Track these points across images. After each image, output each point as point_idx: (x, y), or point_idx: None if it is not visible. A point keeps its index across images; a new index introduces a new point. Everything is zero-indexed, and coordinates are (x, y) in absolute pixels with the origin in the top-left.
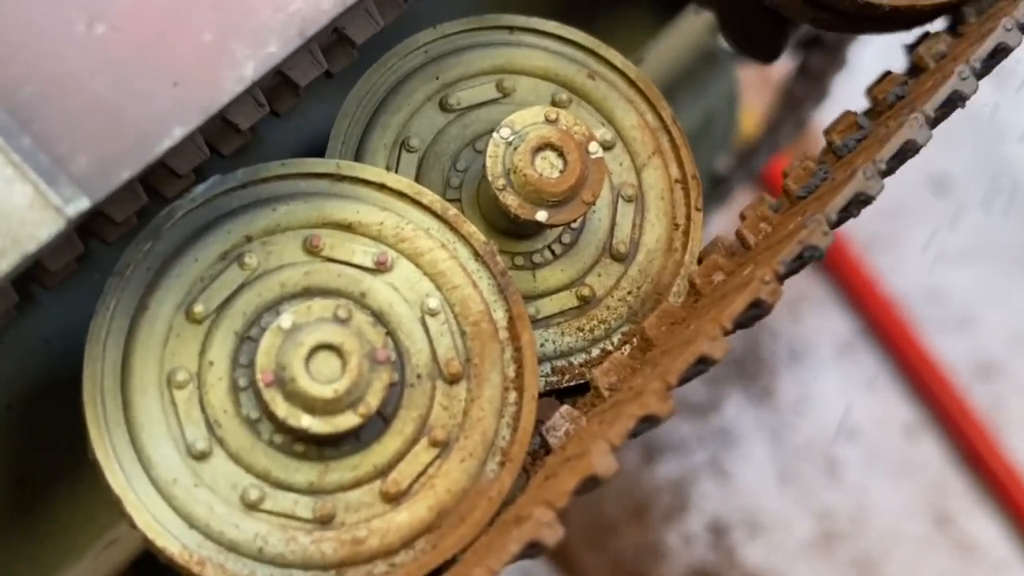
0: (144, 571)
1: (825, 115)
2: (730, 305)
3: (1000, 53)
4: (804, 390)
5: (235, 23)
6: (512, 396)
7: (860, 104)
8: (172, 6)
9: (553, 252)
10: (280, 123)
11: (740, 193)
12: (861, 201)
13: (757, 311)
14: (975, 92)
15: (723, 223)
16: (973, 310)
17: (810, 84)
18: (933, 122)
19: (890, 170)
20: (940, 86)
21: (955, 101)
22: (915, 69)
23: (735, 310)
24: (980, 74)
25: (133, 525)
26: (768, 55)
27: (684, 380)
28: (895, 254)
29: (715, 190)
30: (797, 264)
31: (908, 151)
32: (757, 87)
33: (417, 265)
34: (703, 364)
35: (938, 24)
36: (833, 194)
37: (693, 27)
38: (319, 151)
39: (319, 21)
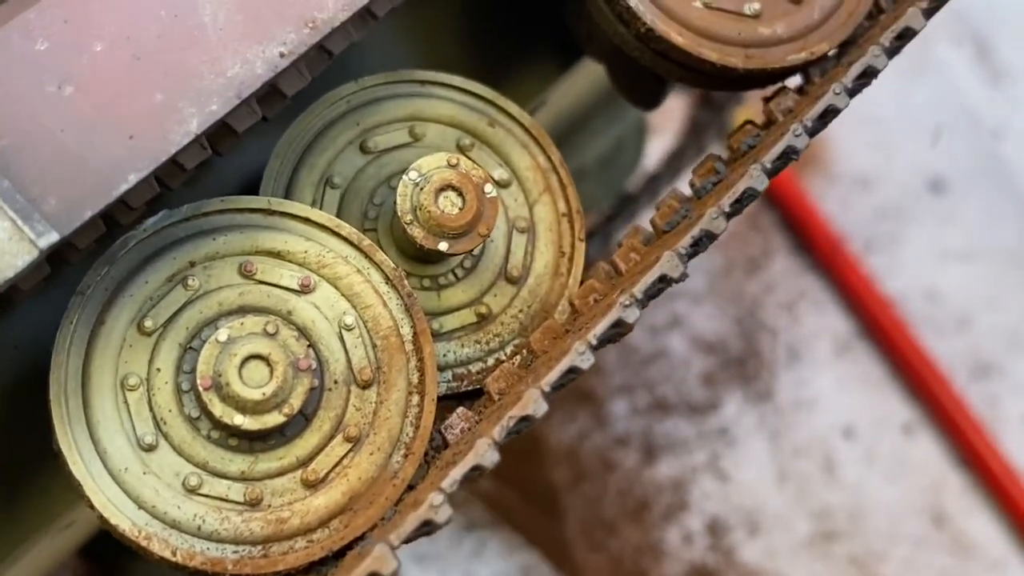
0: (91, 555)
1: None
2: (596, 325)
3: (830, 114)
4: (803, 390)
5: (182, 85)
6: (415, 399)
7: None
8: (129, 71)
9: (456, 275)
10: (225, 157)
11: (647, 211)
12: (708, 238)
13: (619, 329)
14: (807, 146)
15: None
16: (970, 310)
17: (712, 114)
18: (770, 172)
19: (733, 212)
20: (778, 141)
21: (789, 155)
22: (767, 122)
23: (600, 329)
24: (812, 132)
25: (91, 506)
26: (649, 104)
27: (557, 387)
28: (893, 254)
29: (625, 208)
30: (655, 289)
31: (748, 197)
32: (664, 116)
33: (336, 287)
34: (572, 373)
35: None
36: (686, 231)
37: (598, 70)
38: (258, 181)
39: (254, 84)
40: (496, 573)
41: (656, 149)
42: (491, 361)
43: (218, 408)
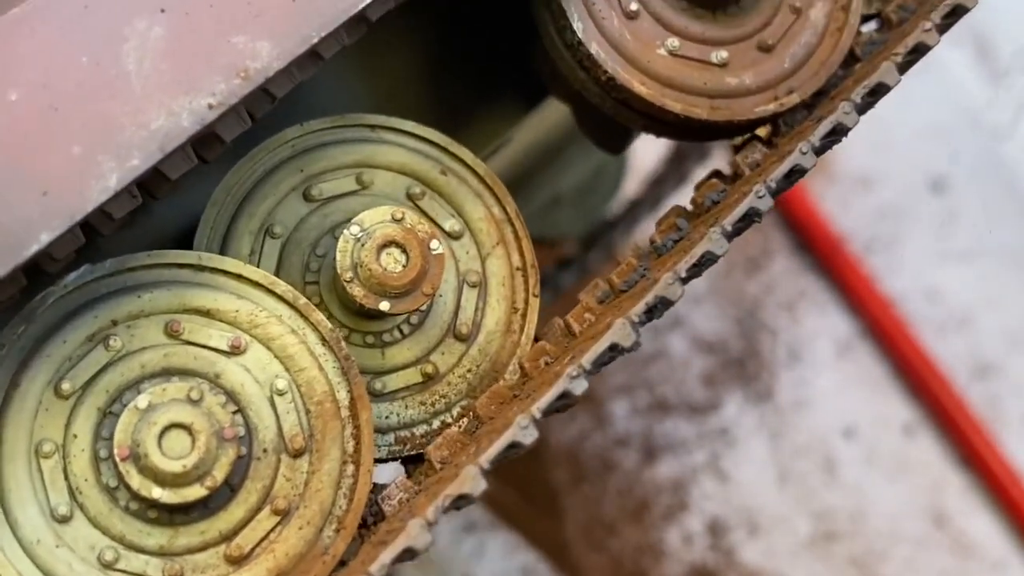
0: None
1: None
2: (541, 397)
3: (795, 174)
4: (803, 390)
5: (102, 138)
6: (350, 469)
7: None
8: (45, 122)
9: (402, 332)
10: (165, 200)
11: (622, 239)
12: (663, 304)
13: (566, 401)
14: (770, 207)
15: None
16: (971, 310)
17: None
18: (731, 235)
19: (690, 277)
20: (740, 202)
21: (752, 216)
22: (734, 175)
23: (545, 401)
24: (776, 192)
25: None
26: (615, 149)
27: (497, 462)
28: (893, 254)
29: (601, 237)
30: (606, 358)
31: (707, 261)
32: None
33: (268, 349)
34: (514, 448)
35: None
36: (641, 296)
37: None
38: (197, 225)
39: (179, 137)
40: (496, 573)
41: (637, 175)
42: (436, 423)
43: (136, 480)
